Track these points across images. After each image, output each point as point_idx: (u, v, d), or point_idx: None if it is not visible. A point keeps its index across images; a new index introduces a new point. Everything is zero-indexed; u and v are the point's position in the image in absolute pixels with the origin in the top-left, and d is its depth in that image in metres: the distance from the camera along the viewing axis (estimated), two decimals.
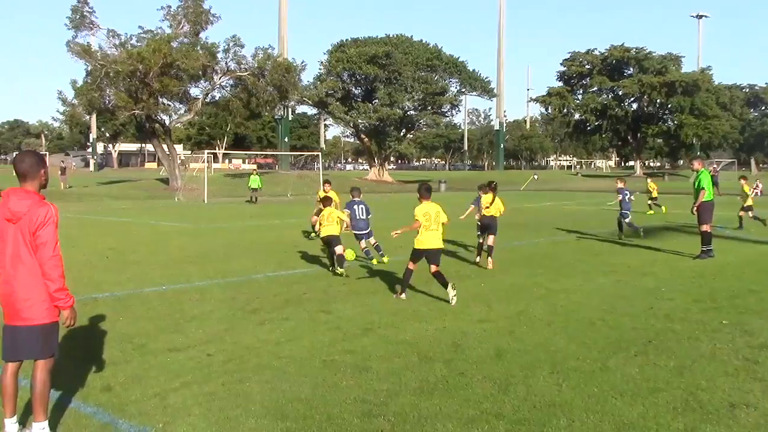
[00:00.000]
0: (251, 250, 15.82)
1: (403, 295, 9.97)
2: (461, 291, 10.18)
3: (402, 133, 73.35)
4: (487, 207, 13.60)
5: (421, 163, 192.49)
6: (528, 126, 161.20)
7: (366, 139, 71.53)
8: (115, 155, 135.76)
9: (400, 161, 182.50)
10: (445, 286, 9.62)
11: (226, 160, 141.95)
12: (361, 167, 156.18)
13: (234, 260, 14.08)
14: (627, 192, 18.33)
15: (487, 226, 13.60)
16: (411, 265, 10.09)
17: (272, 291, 10.56)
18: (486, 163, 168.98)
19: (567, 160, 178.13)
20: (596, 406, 5.63)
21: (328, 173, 74.17)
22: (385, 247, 14.33)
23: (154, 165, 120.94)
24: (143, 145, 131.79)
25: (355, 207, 13.84)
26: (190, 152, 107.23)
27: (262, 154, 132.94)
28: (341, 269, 11.84)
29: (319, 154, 57.66)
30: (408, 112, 69.93)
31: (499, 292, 10.45)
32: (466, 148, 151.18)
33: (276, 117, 75.17)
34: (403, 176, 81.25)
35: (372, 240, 14.18)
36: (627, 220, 18.11)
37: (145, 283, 11.25)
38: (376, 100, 66.80)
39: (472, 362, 6.80)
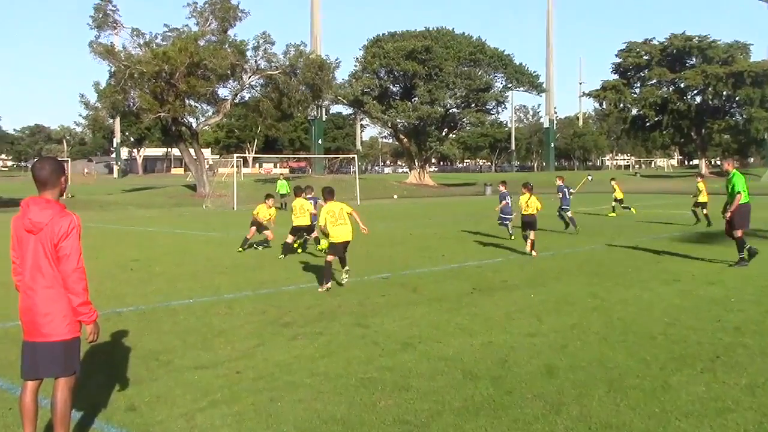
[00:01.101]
0: (281, 260, 15.93)
1: (328, 286, 11.51)
2: (508, 303, 10.10)
3: (444, 133, 73.34)
4: (527, 206, 16.40)
5: (464, 164, 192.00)
6: (581, 123, 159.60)
7: (405, 140, 71.68)
8: (139, 161, 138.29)
9: (442, 163, 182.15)
10: (343, 265, 11.93)
11: (256, 165, 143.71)
12: (400, 170, 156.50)
13: (265, 270, 14.20)
14: (566, 189, 22.31)
15: (527, 223, 16.35)
16: (330, 258, 11.80)
17: (305, 303, 10.61)
18: (535, 164, 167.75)
19: (624, 160, 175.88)
20: (658, 428, 5.52)
21: (365, 176, 74.62)
22: (429, 257, 14.28)
23: (180, 171, 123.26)
24: (169, 149, 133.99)
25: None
26: (218, 156, 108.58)
27: (295, 158, 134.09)
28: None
29: (355, 156, 57.79)
30: (450, 111, 69.94)
31: (550, 304, 10.34)
32: (513, 147, 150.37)
33: (309, 118, 75.76)
34: (445, 179, 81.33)
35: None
36: (568, 214, 21.64)
37: (171, 296, 11.40)
38: (416, 98, 66.92)
39: (521, 380, 6.74)
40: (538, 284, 12.15)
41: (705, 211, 23.93)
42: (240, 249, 17.51)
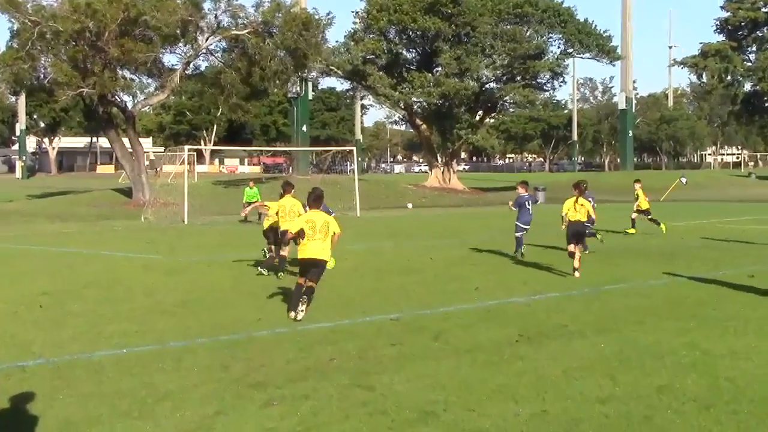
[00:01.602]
0: (253, 294, 15.95)
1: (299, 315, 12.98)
2: (569, 356, 10.10)
3: (477, 117, 73.46)
4: (575, 211, 17.61)
5: (507, 160, 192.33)
6: (670, 103, 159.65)
7: (424, 127, 71.80)
8: (52, 155, 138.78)
9: (475, 159, 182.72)
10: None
11: (216, 160, 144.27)
12: (416, 168, 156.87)
13: (228, 309, 14.22)
14: (529, 199, 22.81)
15: (576, 233, 17.57)
16: (300, 280, 13.40)
17: (284, 355, 10.61)
18: (606, 160, 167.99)
19: (733, 155, 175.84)
20: None
21: (367, 177, 74.36)
22: (457, 290, 14.27)
23: (110, 168, 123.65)
24: (94, 139, 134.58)
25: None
26: (163, 149, 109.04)
27: (270, 151, 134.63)
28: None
29: (354, 149, 58.03)
30: (487, 85, 70.04)
31: (629, 357, 10.31)
32: (575, 137, 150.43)
33: (289, 96, 76.08)
34: (479, 181, 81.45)
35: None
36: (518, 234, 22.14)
37: (95, 344, 11.41)
38: (439, 68, 67.06)
39: None
40: (610, 329, 12.12)
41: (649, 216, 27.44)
42: (279, 275, 18.06)
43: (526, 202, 21.61)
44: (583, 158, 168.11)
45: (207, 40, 50.18)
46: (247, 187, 39.40)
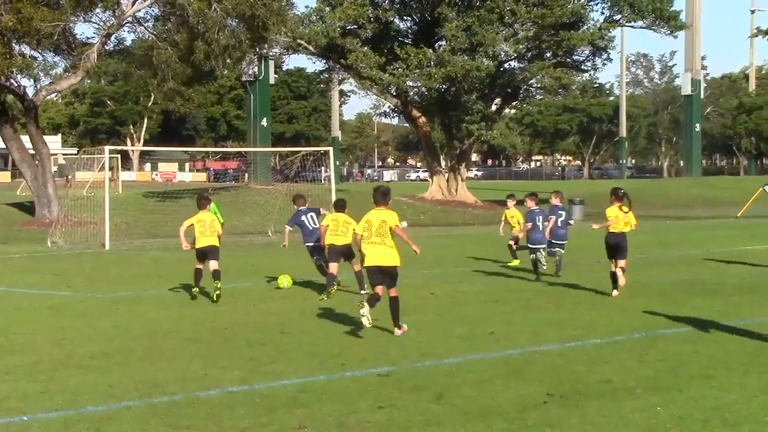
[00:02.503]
0: (197, 340, 16.05)
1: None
2: (614, 422, 10.15)
3: (494, 107, 73.50)
4: (615, 220, 20.26)
5: (534, 164, 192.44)
6: (751, 87, 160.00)
7: (423, 120, 71.89)
8: None
9: (490, 162, 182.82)
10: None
11: (147, 165, 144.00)
12: (413, 174, 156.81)
13: (164, 361, 14.26)
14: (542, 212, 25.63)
15: (617, 247, 20.26)
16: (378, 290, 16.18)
17: (238, 422, 10.65)
18: (665, 163, 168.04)
19: None
20: None
21: (347, 186, 74.00)
22: (466, 335, 14.35)
23: (4, 176, 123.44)
24: None
25: (304, 217, 23.64)
26: (76, 151, 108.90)
27: (219, 153, 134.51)
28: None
29: (330, 150, 57.83)
30: (506, 65, 70.06)
31: (693, 424, 10.33)
32: (623, 133, 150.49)
33: (244, 79, 76.12)
34: (495, 191, 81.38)
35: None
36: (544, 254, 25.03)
37: None
38: (442, 43, 67.18)
39: None
40: (668, 387, 12.15)
41: None
42: (323, 296, 21.27)
43: (537, 218, 24.23)
44: (633, 161, 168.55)
45: (134, 4, 50.25)
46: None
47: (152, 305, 20.90)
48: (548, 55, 68.60)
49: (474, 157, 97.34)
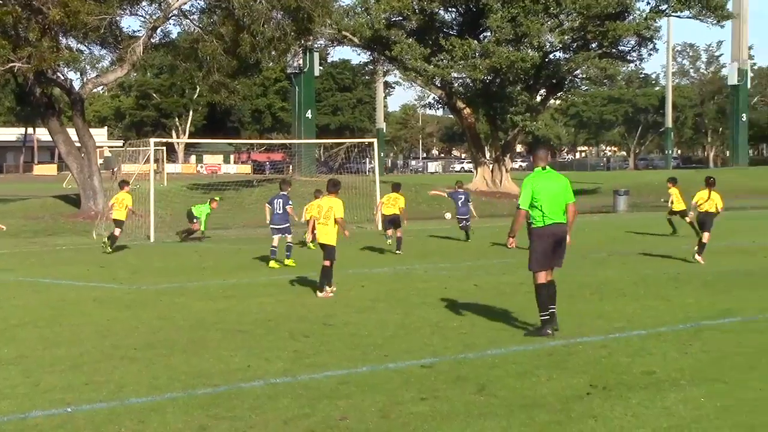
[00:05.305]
0: (241, 332, 16.04)
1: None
2: (657, 414, 10.09)
3: (539, 98, 73.23)
4: (702, 203, 25.29)
5: (579, 155, 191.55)
6: None
7: (467, 111, 71.70)
8: None
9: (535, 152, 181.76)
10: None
11: (192, 157, 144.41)
12: (457, 165, 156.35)
13: (208, 353, 14.26)
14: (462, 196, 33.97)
15: (702, 222, 25.26)
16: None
17: (281, 413, 10.64)
18: (711, 153, 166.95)
19: None
20: None
21: (390, 179, 73.67)
22: (508, 327, 14.28)
23: (51, 169, 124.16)
24: (30, 130, 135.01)
25: (276, 201, 27.03)
26: (122, 143, 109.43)
27: (263, 144, 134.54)
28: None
29: (374, 141, 57.70)
30: (551, 55, 69.75)
31: (738, 415, 10.22)
32: (669, 124, 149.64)
33: (290, 71, 76.08)
34: None
35: (288, 237, 26.94)
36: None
37: (32, 401, 11.43)
38: (487, 34, 66.93)
39: None
40: (712, 378, 12.08)
41: (688, 219, 31.30)
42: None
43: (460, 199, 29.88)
44: (679, 151, 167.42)
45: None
46: (195, 206, 38.44)
47: (196, 297, 20.93)
48: (593, 45, 68.30)
49: (519, 148, 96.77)
